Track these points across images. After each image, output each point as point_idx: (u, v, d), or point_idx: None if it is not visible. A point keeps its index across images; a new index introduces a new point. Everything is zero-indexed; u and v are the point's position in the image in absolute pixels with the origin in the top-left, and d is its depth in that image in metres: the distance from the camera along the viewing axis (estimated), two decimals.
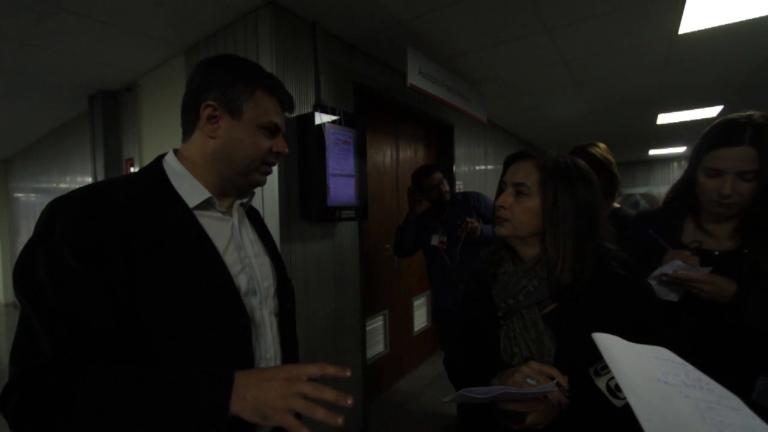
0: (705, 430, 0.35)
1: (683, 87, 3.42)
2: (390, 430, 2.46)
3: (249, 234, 0.80)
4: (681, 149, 7.42)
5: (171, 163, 0.72)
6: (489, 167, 4.54)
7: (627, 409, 0.63)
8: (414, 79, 2.20)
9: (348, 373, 0.55)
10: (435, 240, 2.17)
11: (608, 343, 0.48)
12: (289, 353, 0.81)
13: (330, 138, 1.95)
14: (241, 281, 0.70)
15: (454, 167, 3.58)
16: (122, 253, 0.56)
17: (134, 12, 1.92)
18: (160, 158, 0.73)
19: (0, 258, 6.30)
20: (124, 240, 0.57)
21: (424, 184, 2.20)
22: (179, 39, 2.22)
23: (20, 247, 5.67)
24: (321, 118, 1.91)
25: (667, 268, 0.95)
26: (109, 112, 3.07)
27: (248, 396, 0.51)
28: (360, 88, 2.40)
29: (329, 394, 0.53)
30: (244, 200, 0.80)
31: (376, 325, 2.90)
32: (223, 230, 0.73)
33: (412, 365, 3.33)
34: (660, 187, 8.58)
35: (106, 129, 3.06)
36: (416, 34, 2.24)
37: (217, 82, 0.70)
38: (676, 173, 8.59)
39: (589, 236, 0.76)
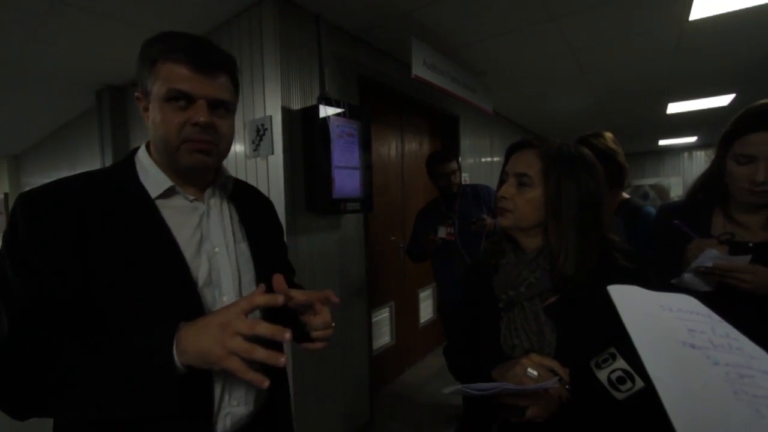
0: (739, 412, 0.32)
1: (694, 75, 3.35)
2: (395, 420, 2.49)
3: (224, 220, 0.75)
4: (692, 139, 7.29)
5: (140, 156, 0.71)
6: (495, 159, 4.50)
7: (628, 402, 0.63)
8: (418, 70, 2.18)
9: (280, 300, 0.57)
10: (442, 232, 2.15)
11: (626, 300, 0.44)
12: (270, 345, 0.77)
13: (335, 130, 1.95)
14: (201, 272, 0.67)
15: (459, 159, 3.55)
16: (75, 243, 0.58)
17: (139, 6, 1.92)
18: (134, 151, 0.73)
19: None
20: (78, 232, 0.58)
21: (436, 170, 2.18)
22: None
23: None
24: (326, 110, 1.91)
25: (704, 260, 0.90)
26: (117, 106, 3.09)
27: (189, 348, 0.53)
28: (364, 80, 2.39)
29: (263, 329, 0.53)
30: (217, 186, 0.76)
31: (382, 316, 2.92)
32: (190, 219, 0.70)
33: (418, 357, 3.35)
34: (670, 178, 8.44)
35: (114, 123, 3.09)
36: (421, 25, 2.22)
37: (136, 70, 0.68)
38: (687, 164, 8.43)
39: (593, 227, 0.75)
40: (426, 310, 3.49)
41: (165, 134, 0.65)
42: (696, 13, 2.18)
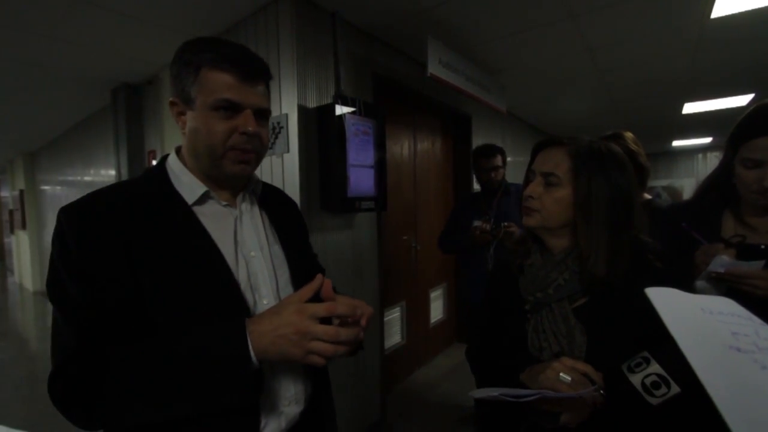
0: None
1: (713, 74, 3.28)
2: (407, 420, 2.48)
3: (257, 225, 0.77)
4: (707, 140, 7.16)
5: (171, 163, 0.72)
6: (508, 158, 4.46)
7: (663, 407, 0.62)
8: (434, 68, 2.17)
9: (358, 314, 0.62)
10: (477, 223, 2.10)
11: (666, 303, 0.43)
12: None
13: (350, 129, 1.95)
14: (242, 276, 0.69)
15: (472, 159, 3.53)
16: (123, 252, 0.59)
17: (157, 5, 1.94)
18: (164, 159, 0.74)
19: (29, 248, 6.53)
20: (124, 241, 0.60)
21: (480, 163, 2.17)
22: (199, 31, 2.24)
23: (47, 237, 5.88)
24: (341, 109, 1.91)
25: (716, 267, 0.88)
26: (132, 105, 3.12)
27: (270, 350, 0.56)
28: (379, 79, 2.38)
29: (345, 334, 0.58)
30: (248, 191, 0.77)
31: (394, 316, 2.91)
32: (226, 224, 0.71)
33: (429, 357, 3.34)
34: (683, 180, 8.31)
35: (129, 122, 3.12)
36: (437, 23, 2.21)
37: (173, 75, 0.68)
38: (701, 165, 8.30)
39: (624, 227, 0.73)
40: (437, 311, 3.48)
41: (211, 142, 0.65)
42: (719, 10, 2.14)
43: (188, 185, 0.69)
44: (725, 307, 0.45)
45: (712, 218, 1.02)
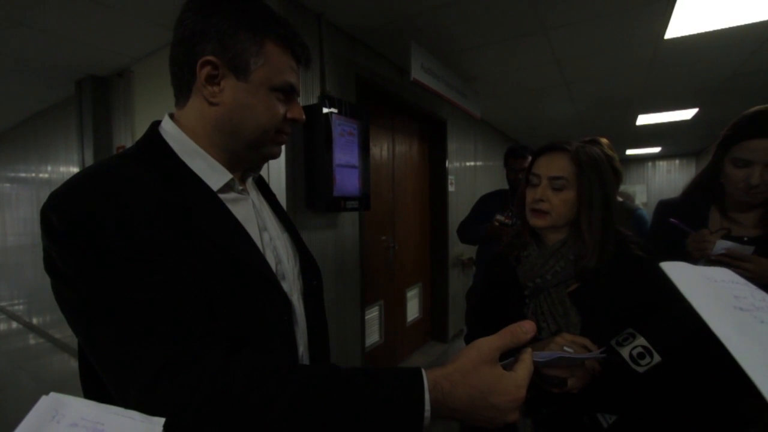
0: None
1: (664, 89, 3.60)
2: None
3: (267, 211, 0.71)
4: (656, 149, 7.76)
5: (174, 135, 0.59)
6: (478, 163, 4.64)
7: (648, 374, 0.71)
8: (417, 73, 2.25)
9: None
10: (499, 217, 2.13)
11: (679, 273, 0.50)
12: (317, 338, 0.72)
13: (336, 129, 1.98)
14: (273, 267, 0.62)
15: (447, 162, 3.65)
16: (165, 235, 0.49)
17: None
18: (157, 129, 0.61)
19: None
20: (159, 229, 0.48)
21: (511, 163, 2.22)
22: None
23: None
24: (327, 109, 1.93)
25: (718, 249, 0.97)
26: (100, 98, 2.98)
27: (474, 417, 0.46)
28: (362, 81, 2.43)
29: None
30: (255, 174, 0.71)
31: (373, 315, 2.95)
32: (246, 212, 0.64)
33: (405, 355, 3.40)
34: (635, 186, 8.95)
35: (96, 115, 2.97)
36: (419, 30, 2.29)
37: (216, 30, 0.55)
38: (650, 172, 8.96)
39: (611, 221, 0.84)
40: (413, 309, 3.55)
41: (266, 123, 0.60)
42: (672, 32, 2.36)
43: (207, 169, 0.59)
44: (725, 275, 0.53)
45: (700, 213, 1.12)
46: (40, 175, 4.09)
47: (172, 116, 0.62)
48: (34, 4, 1.92)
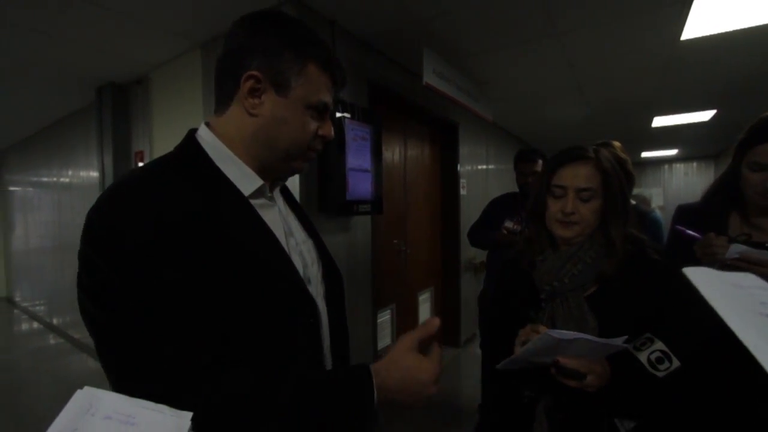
0: None
1: (680, 91, 3.54)
2: (398, 418, 2.52)
3: (293, 218, 0.74)
4: (673, 152, 7.61)
5: (211, 142, 0.63)
6: (490, 167, 4.62)
7: (667, 379, 0.70)
8: (429, 78, 2.26)
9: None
10: (508, 224, 2.13)
11: (703, 279, 0.49)
12: (339, 339, 0.75)
13: (349, 133, 2.00)
14: (301, 272, 0.65)
15: (458, 166, 3.64)
16: (194, 246, 0.52)
17: (151, 3, 1.92)
18: (194, 136, 0.64)
19: None
20: (189, 237, 0.52)
21: (521, 167, 2.19)
22: (196, 32, 2.25)
23: (17, 241, 5.59)
24: (340, 113, 1.96)
25: (732, 254, 0.95)
26: (119, 104, 3.06)
27: (397, 397, 0.57)
28: (374, 85, 2.45)
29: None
30: (281, 183, 0.74)
31: (385, 318, 2.95)
32: (274, 217, 0.67)
33: None
34: (651, 189, 8.76)
35: (115, 121, 3.06)
36: (432, 34, 2.30)
37: (263, 48, 0.60)
38: (667, 175, 8.77)
39: (626, 226, 0.83)
40: (425, 313, 3.54)
41: (299, 137, 0.64)
42: (688, 33, 2.33)
43: (240, 175, 0.62)
44: (750, 281, 0.51)
45: (720, 219, 1.10)
46: (62, 180, 4.21)
47: (208, 124, 0.66)
48: (58, 15, 2.00)
